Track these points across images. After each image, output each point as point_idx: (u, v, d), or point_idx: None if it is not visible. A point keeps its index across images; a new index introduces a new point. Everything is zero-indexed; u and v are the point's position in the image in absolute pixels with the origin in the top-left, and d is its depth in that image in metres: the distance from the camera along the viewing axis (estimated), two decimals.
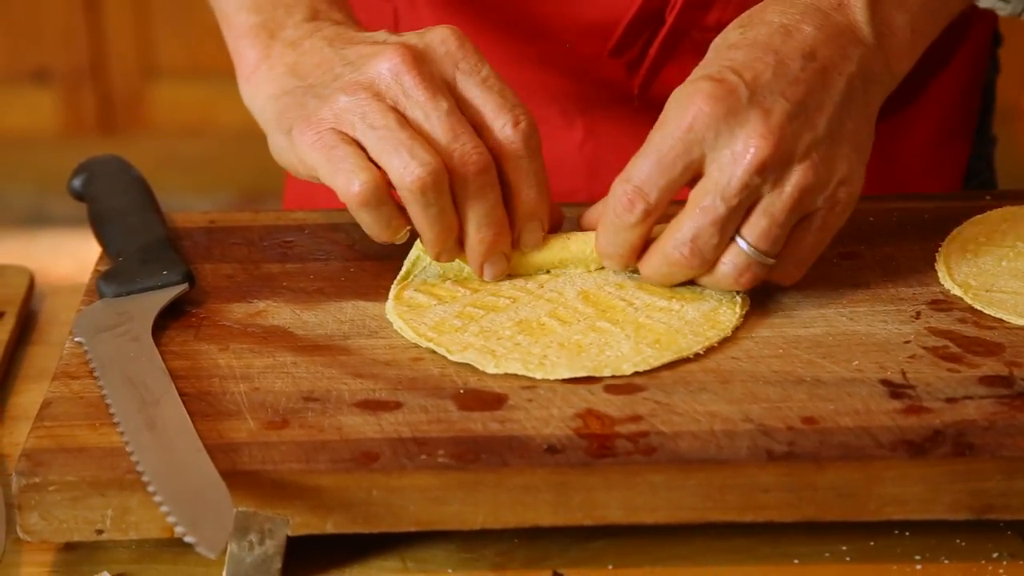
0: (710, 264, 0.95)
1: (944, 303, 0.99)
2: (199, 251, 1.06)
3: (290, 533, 0.84)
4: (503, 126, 0.97)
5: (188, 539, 0.79)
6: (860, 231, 1.01)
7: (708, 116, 0.93)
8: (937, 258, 1.03)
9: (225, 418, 0.88)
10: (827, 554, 0.86)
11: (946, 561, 0.85)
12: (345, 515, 0.84)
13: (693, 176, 0.94)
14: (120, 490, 0.84)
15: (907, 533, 0.87)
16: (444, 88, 0.97)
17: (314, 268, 1.04)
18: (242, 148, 2.78)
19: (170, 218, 1.09)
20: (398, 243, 0.99)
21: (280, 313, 0.99)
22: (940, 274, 1.01)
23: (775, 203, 0.94)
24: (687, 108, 0.94)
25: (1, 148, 3.10)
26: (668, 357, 0.93)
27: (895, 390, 0.90)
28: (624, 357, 0.92)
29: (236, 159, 2.96)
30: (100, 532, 0.85)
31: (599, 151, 1.20)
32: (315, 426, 0.88)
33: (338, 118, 0.96)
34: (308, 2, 1.04)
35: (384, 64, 0.96)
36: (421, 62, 0.96)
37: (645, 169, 0.94)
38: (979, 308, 0.98)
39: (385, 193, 0.95)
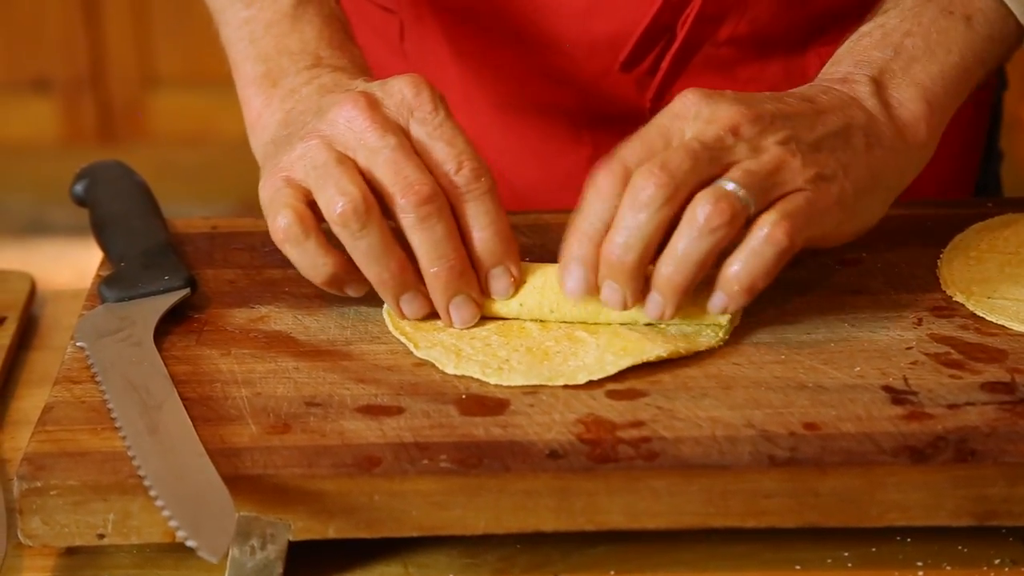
0: (682, 193, 0.91)
1: (946, 309, 0.99)
2: (201, 256, 1.06)
3: (292, 538, 0.83)
4: (449, 171, 0.95)
5: (190, 544, 0.79)
6: (862, 238, 1.01)
7: (691, 101, 0.94)
8: (939, 264, 1.03)
9: (227, 423, 0.88)
10: (829, 560, 0.86)
11: (948, 568, 0.85)
12: (347, 520, 0.84)
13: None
14: (122, 494, 0.84)
15: (909, 539, 0.87)
16: (396, 129, 0.96)
17: None
18: (242, 157, 2.78)
19: (172, 223, 1.09)
20: (352, 295, 0.98)
21: (282, 318, 0.99)
22: (942, 280, 1.01)
23: (752, 162, 0.92)
24: (674, 102, 0.94)
25: (1, 156, 3.10)
26: (627, 363, 0.92)
27: (897, 396, 0.90)
28: (584, 367, 0.92)
29: (236, 168, 2.94)
30: (102, 537, 0.85)
31: None
32: (317, 431, 0.87)
33: (291, 165, 0.96)
34: (312, 49, 1.04)
35: (340, 111, 0.96)
36: (375, 108, 0.96)
37: (631, 147, 0.94)
38: (981, 314, 0.98)
39: (309, 229, 0.94)
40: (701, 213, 0.90)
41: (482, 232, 0.96)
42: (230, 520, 0.80)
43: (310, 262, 0.95)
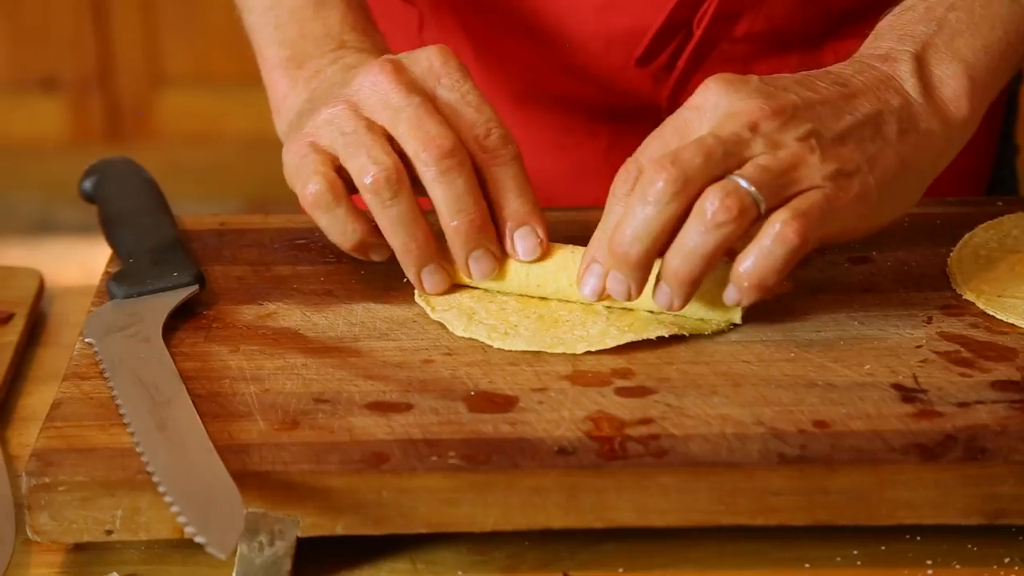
0: (692, 188, 0.90)
1: (956, 308, 0.98)
2: (209, 253, 1.06)
3: (300, 534, 0.83)
4: (476, 136, 0.96)
5: (198, 540, 0.79)
6: (872, 236, 1.01)
7: (713, 92, 0.93)
8: (949, 263, 1.03)
9: (235, 419, 0.88)
10: (838, 558, 0.86)
11: (957, 566, 0.85)
12: (355, 517, 0.84)
13: None
14: (130, 490, 0.84)
15: (918, 538, 0.86)
16: (420, 90, 0.97)
17: (324, 270, 1.04)
18: (249, 156, 2.79)
19: (180, 220, 1.09)
20: (376, 260, 0.99)
21: (290, 315, 0.99)
22: (952, 279, 1.01)
23: (768, 157, 0.91)
24: (696, 93, 0.94)
25: (9, 155, 3.11)
26: (628, 338, 0.93)
27: (907, 394, 0.89)
28: (586, 338, 0.94)
29: (243, 167, 2.96)
30: (110, 533, 0.85)
31: (624, 159, 1.20)
32: (325, 427, 0.87)
33: (317, 131, 0.97)
34: (336, 33, 1.05)
35: (365, 77, 0.97)
36: (400, 71, 0.97)
37: (648, 145, 0.94)
38: (991, 313, 0.97)
39: (339, 196, 0.96)
40: (709, 208, 0.90)
41: (509, 194, 0.97)
42: (238, 516, 0.80)
43: (340, 228, 0.97)
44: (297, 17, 1.06)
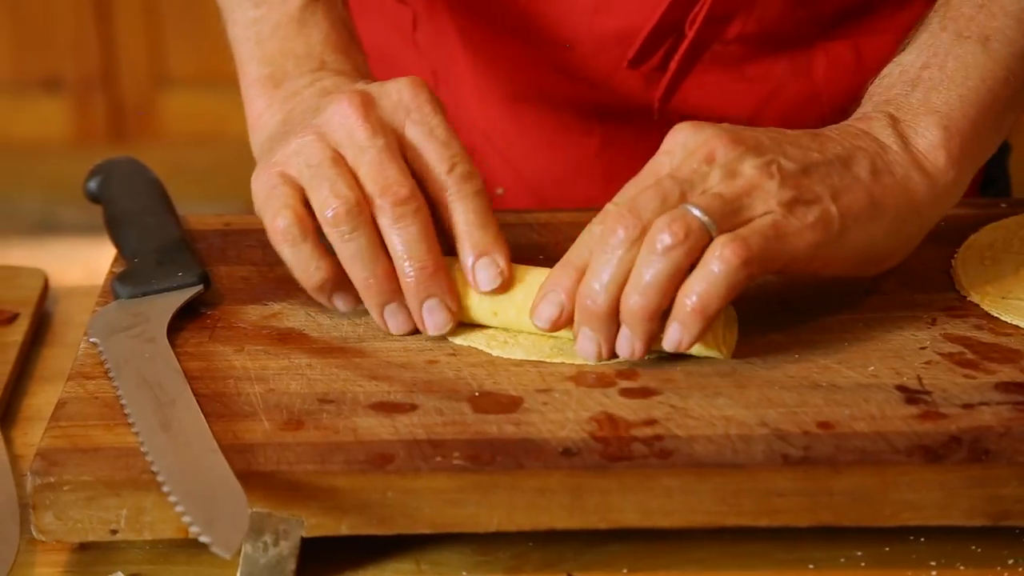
0: (644, 225, 0.90)
1: (960, 309, 0.98)
2: (214, 253, 1.06)
3: (304, 534, 0.83)
4: (441, 171, 0.96)
5: (203, 539, 0.79)
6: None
7: (681, 133, 0.94)
8: (953, 265, 1.03)
9: (240, 419, 0.88)
10: (842, 559, 0.86)
11: (962, 567, 0.85)
12: (360, 517, 0.84)
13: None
14: (135, 490, 0.84)
15: (922, 539, 0.86)
16: (387, 130, 0.96)
17: None
18: (252, 157, 2.78)
19: (185, 220, 1.10)
20: (341, 309, 0.97)
21: (295, 315, 0.99)
22: (956, 281, 1.01)
23: (722, 185, 0.91)
24: (666, 139, 0.94)
25: (12, 155, 3.11)
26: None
27: (911, 396, 0.89)
28: None
29: (247, 168, 2.94)
30: (114, 532, 0.85)
31: (616, 159, 1.20)
32: (330, 427, 0.87)
33: (286, 161, 0.96)
34: (317, 54, 1.04)
35: (336, 108, 0.96)
36: (369, 107, 0.96)
37: (627, 190, 0.93)
38: (995, 314, 0.97)
39: (307, 232, 0.94)
40: (656, 235, 0.90)
41: (469, 227, 0.96)
42: (243, 516, 0.80)
43: (304, 264, 0.96)
44: (279, 34, 1.05)
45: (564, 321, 0.93)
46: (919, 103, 0.98)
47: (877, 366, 0.92)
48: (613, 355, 0.93)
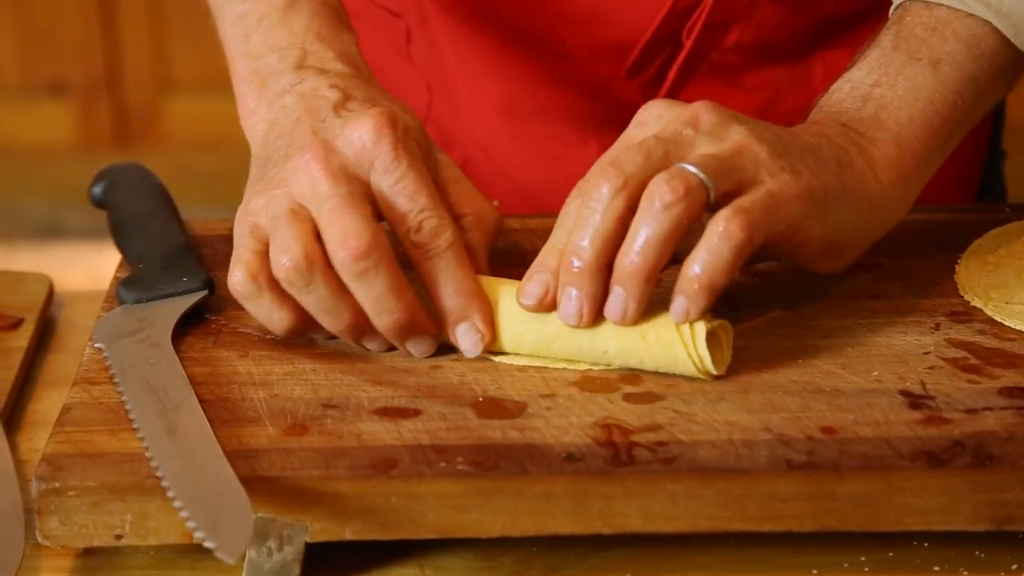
0: (632, 184, 0.90)
1: (964, 315, 0.99)
2: (219, 258, 1.06)
3: (309, 540, 0.84)
4: (408, 232, 0.94)
5: (207, 545, 0.79)
6: (880, 243, 1.01)
7: (656, 106, 0.94)
8: (956, 270, 1.03)
9: (244, 424, 0.89)
10: (846, 564, 0.86)
11: (965, 572, 0.85)
12: (364, 522, 0.84)
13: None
14: (140, 495, 0.84)
15: (926, 544, 0.86)
16: (351, 178, 0.93)
17: None
18: None
19: (190, 225, 1.10)
20: (322, 341, 0.97)
21: None
22: (960, 286, 1.01)
23: (712, 147, 0.91)
24: (638, 113, 0.95)
25: (17, 160, 3.11)
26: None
27: (915, 401, 0.90)
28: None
29: None
30: (119, 537, 0.85)
31: None
32: (334, 433, 0.88)
33: (258, 211, 0.95)
34: (300, 43, 1.03)
35: (300, 159, 0.94)
36: (331, 157, 0.94)
37: (602, 160, 0.93)
38: (999, 320, 0.98)
39: (261, 286, 0.93)
40: (656, 192, 0.89)
41: (443, 289, 0.94)
42: (247, 521, 0.80)
43: (265, 316, 0.94)
44: (263, 26, 1.04)
45: (550, 299, 0.93)
46: (870, 118, 0.98)
47: (880, 371, 0.92)
48: (594, 321, 0.92)
